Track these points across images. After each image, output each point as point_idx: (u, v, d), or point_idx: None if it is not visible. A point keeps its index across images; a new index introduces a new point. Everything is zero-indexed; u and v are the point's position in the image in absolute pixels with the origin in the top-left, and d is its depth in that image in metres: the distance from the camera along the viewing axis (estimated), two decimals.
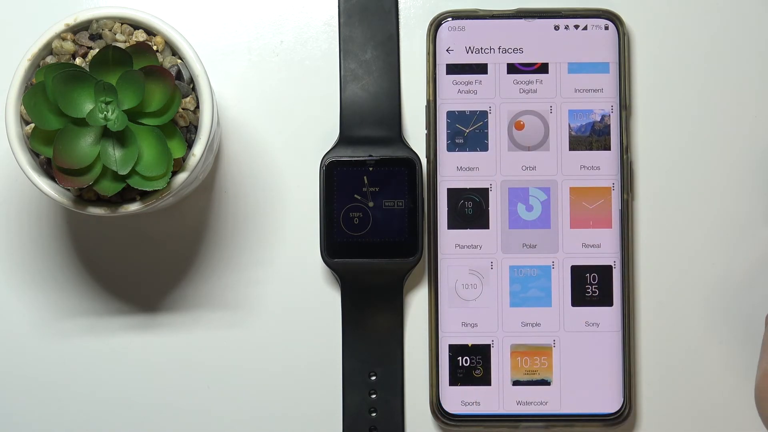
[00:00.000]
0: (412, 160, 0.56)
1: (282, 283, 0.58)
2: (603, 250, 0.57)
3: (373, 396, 0.58)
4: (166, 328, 0.58)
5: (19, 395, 0.58)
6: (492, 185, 0.58)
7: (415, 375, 0.58)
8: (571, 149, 0.57)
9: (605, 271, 0.57)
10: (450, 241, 0.58)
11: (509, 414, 0.57)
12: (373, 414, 0.58)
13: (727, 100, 0.58)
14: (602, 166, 0.57)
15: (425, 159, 0.58)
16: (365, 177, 0.56)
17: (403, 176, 0.56)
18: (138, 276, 0.59)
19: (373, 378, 0.58)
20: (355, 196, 0.56)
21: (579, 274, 0.57)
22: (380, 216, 0.56)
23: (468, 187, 0.58)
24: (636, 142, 0.58)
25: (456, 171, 0.58)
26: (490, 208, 0.58)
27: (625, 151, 0.57)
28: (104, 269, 0.59)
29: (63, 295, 0.59)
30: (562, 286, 0.57)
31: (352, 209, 0.56)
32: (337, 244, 0.56)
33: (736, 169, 0.58)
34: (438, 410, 0.57)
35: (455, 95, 0.58)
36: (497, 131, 0.58)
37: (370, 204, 0.56)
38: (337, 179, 0.56)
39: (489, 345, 0.57)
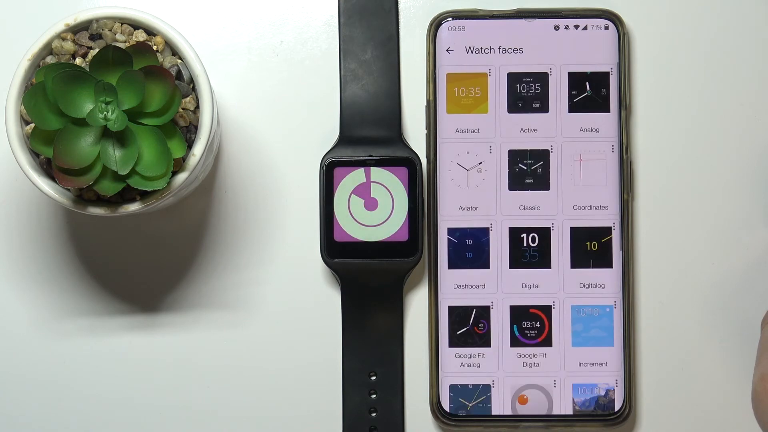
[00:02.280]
0: (412, 160, 0.56)
1: (282, 283, 0.58)
2: (603, 249, 0.57)
3: (373, 396, 0.58)
4: (166, 328, 0.58)
5: (19, 395, 0.58)
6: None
7: (415, 375, 0.58)
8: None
9: (606, 271, 0.57)
10: None
11: (509, 414, 0.57)
12: (373, 414, 0.58)
13: (726, 100, 0.58)
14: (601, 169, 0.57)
15: (425, 159, 0.58)
16: (365, 177, 0.56)
17: (403, 176, 0.56)
18: (138, 276, 0.59)
19: (373, 378, 0.58)
20: (355, 195, 0.56)
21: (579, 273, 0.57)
22: (380, 216, 0.56)
23: None
24: (636, 142, 0.58)
25: None
26: None
27: (625, 151, 0.57)
28: (104, 269, 0.59)
29: (63, 295, 0.59)
30: (562, 285, 0.57)
31: (352, 209, 0.56)
32: (337, 244, 0.56)
33: (735, 169, 0.58)
34: (438, 410, 0.57)
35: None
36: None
37: (370, 204, 0.56)
38: (337, 179, 0.56)
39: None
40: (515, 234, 0.57)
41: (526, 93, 0.57)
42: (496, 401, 0.57)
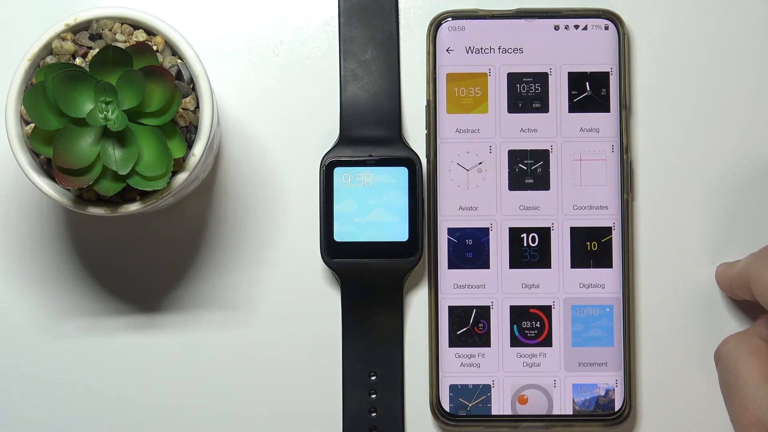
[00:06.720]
0: (412, 160, 0.56)
1: (282, 283, 0.58)
2: (603, 249, 0.57)
3: (373, 396, 0.58)
4: (166, 328, 0.58)
5: (19, 395, 0.58)
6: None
7: (415, 375, 0.58)
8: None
9: (606, 271, 0.57)
10: None
11: (509, 414, 0.57)
12: (373, 414, 0.58)
13: (726, 101, 0.58)
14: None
15: (425, 159, 0.58)
16: (365, 177, 0.56)
17: (403, 176, 0.56)
18: (138, 276, 0.59)
19: (373, 378, 0.58)
20: (355, 195, 0.56)
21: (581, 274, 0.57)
22: (380, 216, 0.56)
23: None
24: (636, 142, 0.58)
25: None
26: None
27: (625, 151, 0.57)
28: (104, 269, 0.59)
29: (63, 295, 0.59)
30: (562, 285, 0.57)
31: (352, 209, 0.56)
32: (337, 244, 0.56)
33: (735, 169, 0.58)
34: (438, 410, 0.57)
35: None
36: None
37: (371, 204, 0.56)
38: (337, 179, 0.56)
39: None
40: (515, 234, 0.57)
41: (526, 93, 0.57)
42: (496, 401, 0.57)
